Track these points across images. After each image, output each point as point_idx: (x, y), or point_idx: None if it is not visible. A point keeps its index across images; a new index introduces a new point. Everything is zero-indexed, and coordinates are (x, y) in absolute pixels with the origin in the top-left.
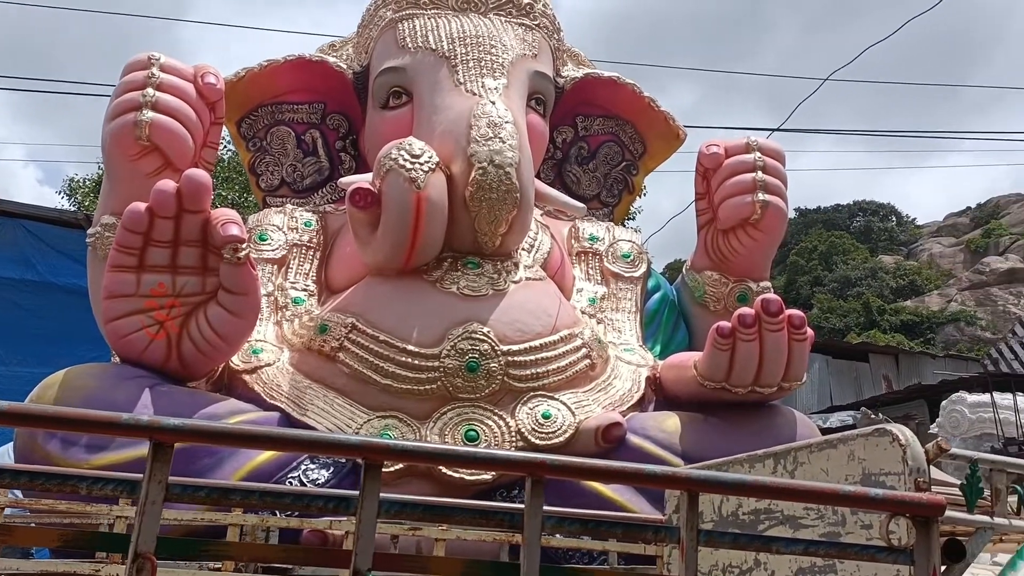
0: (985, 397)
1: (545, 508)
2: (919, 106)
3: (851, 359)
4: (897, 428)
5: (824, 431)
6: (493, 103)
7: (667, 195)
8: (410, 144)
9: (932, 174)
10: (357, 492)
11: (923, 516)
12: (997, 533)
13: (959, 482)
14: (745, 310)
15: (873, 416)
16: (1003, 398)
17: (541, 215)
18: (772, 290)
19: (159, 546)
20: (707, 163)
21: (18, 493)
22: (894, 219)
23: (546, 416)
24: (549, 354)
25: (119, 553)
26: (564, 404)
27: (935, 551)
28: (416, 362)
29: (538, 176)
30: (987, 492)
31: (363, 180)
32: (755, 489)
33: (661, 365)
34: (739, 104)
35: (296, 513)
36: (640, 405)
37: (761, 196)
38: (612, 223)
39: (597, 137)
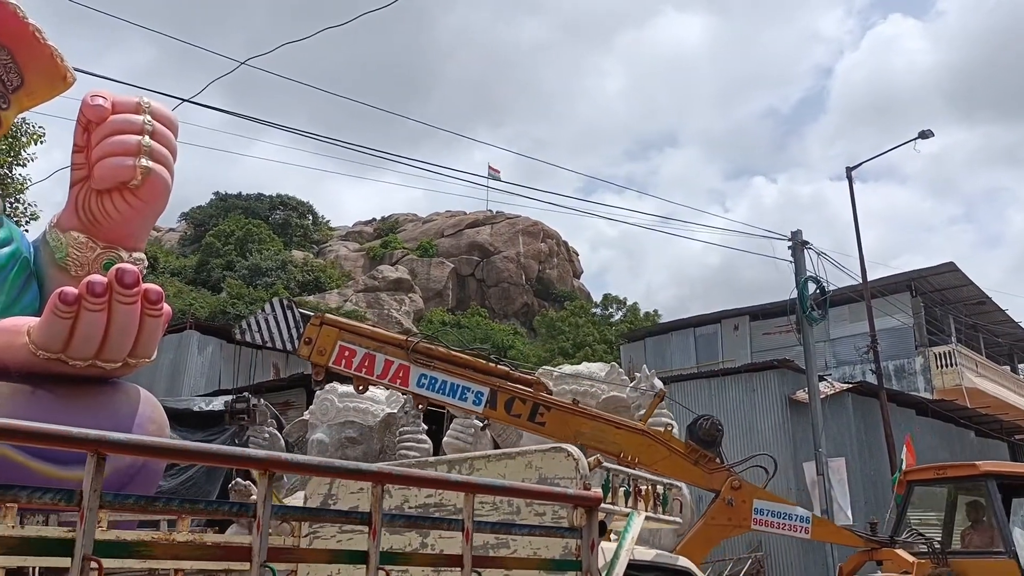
0: (351, 388)
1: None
2: (374, 126)
3: (244, 346)
4: (569, 447)
5: (207, 413)
6: None
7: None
8: None
9: (368, 186)
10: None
11: (589, 507)
12: (616, 516)
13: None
14: (95, 277)
15: (256, 403)
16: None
17: None
18: (146, 263)
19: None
20: (90, 115)
21: None
22: (311, 218)
23: None
24: None
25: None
26: None
27: (595, 529)
28: None
29: None
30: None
31: None
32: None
33: None
34: (200, 75)
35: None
36: None
37: (144, 162)
38: None
39: None
